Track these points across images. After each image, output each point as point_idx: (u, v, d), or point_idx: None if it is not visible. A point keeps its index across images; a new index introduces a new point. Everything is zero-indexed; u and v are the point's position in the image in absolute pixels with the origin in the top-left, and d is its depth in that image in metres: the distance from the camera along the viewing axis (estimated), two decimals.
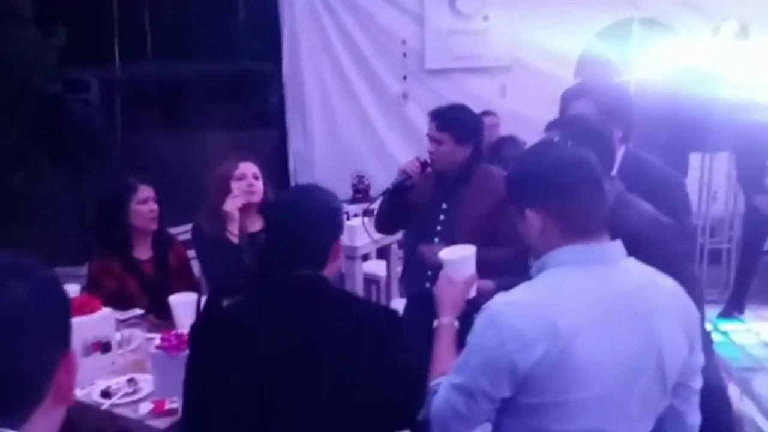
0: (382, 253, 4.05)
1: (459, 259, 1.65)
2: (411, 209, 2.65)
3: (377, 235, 3.11)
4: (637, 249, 1.34)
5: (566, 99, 2.13)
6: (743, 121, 3.79)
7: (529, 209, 1.31)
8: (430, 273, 2.55)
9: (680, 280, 1.36)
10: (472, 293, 1.63)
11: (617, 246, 1.31)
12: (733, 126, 3.92)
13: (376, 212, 2.84)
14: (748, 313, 4.38)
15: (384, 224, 2.85)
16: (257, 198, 2.65)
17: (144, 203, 2.69)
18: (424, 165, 2.61)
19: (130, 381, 1.96)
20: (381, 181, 5.55)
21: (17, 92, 5.25)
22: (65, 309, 0.80)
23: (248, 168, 2.67)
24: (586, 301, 1.24)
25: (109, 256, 2.68)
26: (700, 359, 1.35)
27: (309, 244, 1.48)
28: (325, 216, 1.52)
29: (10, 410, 0.72)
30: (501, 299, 1.27)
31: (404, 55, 5.51)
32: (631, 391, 1.26)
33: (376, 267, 4.04)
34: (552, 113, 5.23)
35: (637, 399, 1.27)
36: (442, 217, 2.58)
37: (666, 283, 1.34)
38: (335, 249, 1.52)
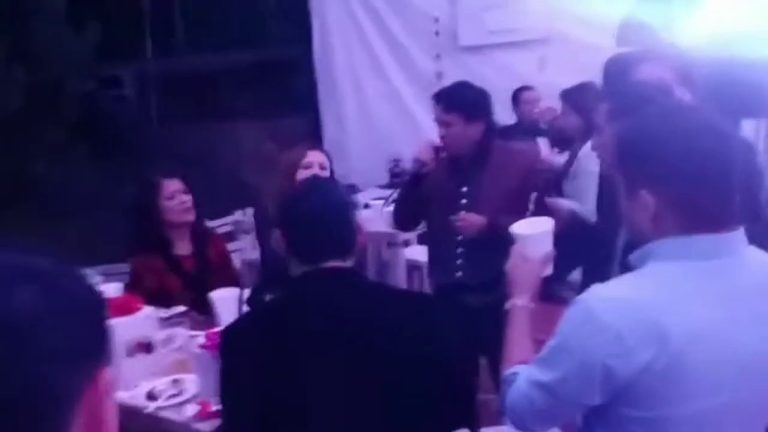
0: (423, 238, 3.97)
1: (536, 234, 1.50)
2: (428, 200, 2.56)
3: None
4: None
5: (622, 65, 1.97)
6: None
7: (645, 191, 1.10)
8: (460, 261, 2.50)
9: None
10: (549, 271, 1.48)
11: (738, 236, 1.12)
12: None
13: (393, 208, 2.77)
14: None
15: (402, 219, 2.78)
16: None
17: (171, 198, 2.65)
18: (437, 150, 2.52)
19: (175, 382, 1.94)
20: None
21: (54, 92, 5.30)
22: (94, 320, 0.65)
23: (316, 157, 2.61)
24: (699, 302, 1.08)
25: (151, 253, 2.65)
26: None
27: (337, 234, 1.47)
28: (346, 205, 1.54)
29: None
30: (598, 292, 1.11)
31: (436, 33, 5.37)
32: (749, 406, 1.12)
33: (417, 253, 3.96)
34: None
35: (755, 414, 1.14)
36: (463, 201, 2.50)
37: None
38: (360, 236, 1.55)
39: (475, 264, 2.48)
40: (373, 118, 5.58)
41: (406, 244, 3.81)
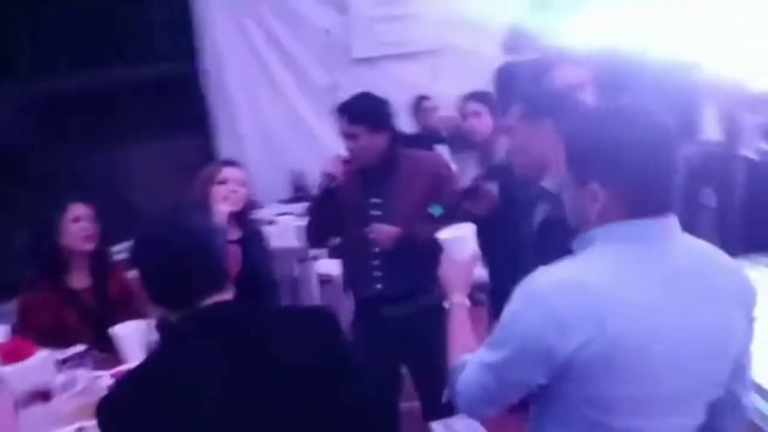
0: (334, 252, 3.93)
1: (459, 237, 1.59)
2: (340, 213, 2.54)
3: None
4: None
5: (531, 71, 2.03)
6: (674, 82, 3.83)
7: (595, 183, 1.16)
8: (378, 273, 2.49)
9: None
10: (477, 271, 1.59)
11: (673, 221, 1.19)
12: (663, 87, 3.97)
13: (306, 224, 2.73)
14: None
15: (316, 235, 2.74)
16: (237, 206, 2.51)
17: (76, 222, 2.47)
18: (345, 163, 2.51)
19: (79, 431, 1.77)
20: (318, 178, 5.43)
21: None
22: None
23: (232, 173, 2.53)
24: (639, 284, 1.13)
25: (41, 288, 2.45)
26: (752, 336, 1.26)
27: (206, 267, 1.31)
28: (209, 233, 1.35)
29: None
30: (543, 275, 1.16)
31: (329, 46, 5.37)
32: (699, 377, 1.17)
33: (329, 266, 3.92)
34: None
35: (703, 386, 1.19)
36: (375, 212, 2.49)
37: (722, 258, 1.24)
38: (230, 263, 1.37)
39: (394, 275, 2.48)
40: (270, 133, 5.49)
41: (316, 258, 3.76)
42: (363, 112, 2.47)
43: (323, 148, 5.41)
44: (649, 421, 1.15)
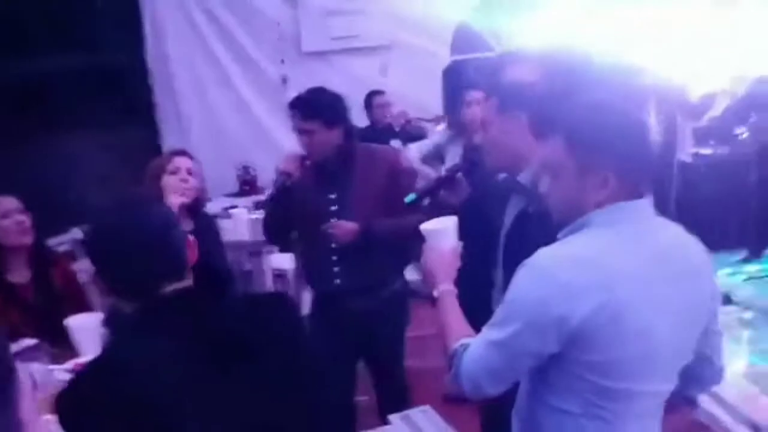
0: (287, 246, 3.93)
1: (443, 228, 1.62)
2: (298, 210, 2.53)
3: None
4: None
5: (492, 67, 2.05)
6: (617, 84, 3.97)
7: (607, 169, 1.24)
8: (337, 269, 2.50)
9: None
10: (458, 261, 1.60)
11: (651, 202, 1.30)
12: (608, 88, 4.11)
13: (262, 221, 2.71)
14: None
15: (274, 232, 2.71)
16: (189, 196, 2.45)
17: (6, 217, 2.39)
18: (302, 159, 2.50)
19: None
20: (268, 171, 5.37)
21: None
22: None
23: (182, 162, 2.46)
24: (639, 257, 1.23)
25: None
26: (719, 302, 1.40)
27: (166, 252, 1.30)
28: (165, 219, 1.35)
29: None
30: (546, 253, 1.23)
31: (279, 38, 5.34)
32: (682, 345, 1.28)
33: (281, 260, 3.91)
34: (433, 91, 5.28)
35: (684, 353, 1.30)
36: (333, 207, 2.49)
37: (689, 236, 1.35)
38: (190, 254, 1.37)
39: (353, 269, 2.48)
40: (217, 125, 5.42)
41: (269, 252, 3.75)
42: (317, 108, 2.45)
43: (272, 142, 5.39)
44: (645, 385, 1.25)
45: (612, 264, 1.21)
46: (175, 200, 2.37)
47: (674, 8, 4.14)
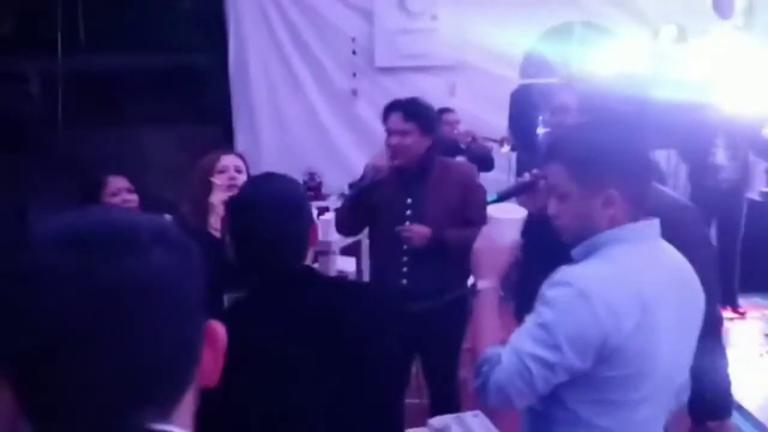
0: (347, 250, 4.08)
1: (507, 219, 1.50)
2: (376, 208, 2.62)
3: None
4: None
5: (526, 93, 2.19)
6: (683, 120, 4.01)
7: (612, 188, 1.30)
8: (405, 269, 2.59)
9: (695, 262, 1.40)
10: (513, 257, 1.51)
11: (656, 223, 1.36)
12: (673, 124, 4.15)
13: (337, 213, 2.80)
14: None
15: (348, 225, 2.81)
16: (236, 192, 2.59)
17: (116, 195, 2.58)
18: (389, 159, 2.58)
19: None
20: (331, 179, 5.58)
21: None
22: (202, 277, 0.66)
23: (231, 161, 2.56)
24: (657, 273, 1.31)
25: None
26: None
27: (291, 238, 1.43)
28: (301, 205, 1.47)
29: (164, 399, 0.62)
30: (583, 272, 1.28)
31: (353, 52, 5.53)
32: (678, 362, 1.35)
33: (345, 263, 4.06)
34: (498, 112, 5.37)
35: (679, 369, 1.36)
36: (408, 212, 2.58)
37: (685, 260, 1.41)
38: (313, 237, 1.48)
39: (420, 272, 2.56)
40: (287, 130, 5.63)
41: (335, 253, 3.90)
42: (418, 112, 2.56)
43: (338, 151, 5.58)
44: (650, 394, 1.31)
45: (640, 280, 1.27)
46: (221, 197, 2.40)
47: (746, 44, 4.15)
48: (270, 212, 1.40)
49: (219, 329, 0.68)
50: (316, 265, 3.84)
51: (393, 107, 2.59)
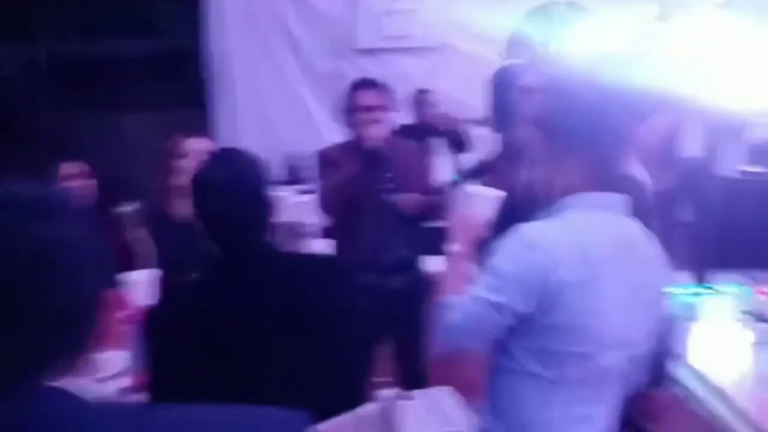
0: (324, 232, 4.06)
1: (481, 196, 1.66)
2: (363, 186, 2.64)
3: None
4: None
5: (509, 76, 2.19)
6: (664, 100, 4.01)
7: (573, 156, 1.38)
8: (403, 240, 2.64)
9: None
10: (484, 232, 1.64)
11: (622, 198, 1.43)
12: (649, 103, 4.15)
13: (326, 193, 2.79)
14: None
15: (335, 204, 2.80)
16: None
17: (67, 180, 2.58)
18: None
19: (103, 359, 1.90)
20: (313, 161, 5.53)
21: None
22: (103, 243, 0.78)
23: (199, 144, 2.58)
24: (607, 239, 1.37)
25: None
26: (668, 299, 1.52)
27: (250, 214, 1.49)
28: (258, 181, 1.52)
29: (55, 358, 0.70)
30: (534, 227, 1.37)
31: (335, 34, 5.50)
32: (625, 329, 1.39)
33: (322, 245, 4.03)
34: (481, 94, 5.38)
35: (627, 338, 1.41)
36: (389, 185, 2.63)
37: (652, 241, 1.47)
38: (273, 213, 1.54)
39: (405, 245, 2.66)
40: (267, 113, 5.60)
41: (311, 236, 3.89)
42: (390, 92, 2.65)
43: (319, 134, 5.54)
44: (589, 350, 1.36)
45: (587, 240, 1.34)
46: (181, 180, 2.40)
47: (721, 27, 4.16)
48: (229, 189, 1.45)
49: (116, 298, 0.78)
50: (291, 247, 3.88)
51: (363, 84, 2.60)
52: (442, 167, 4.64)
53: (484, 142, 4.89)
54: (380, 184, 2.63)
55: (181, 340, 1.40)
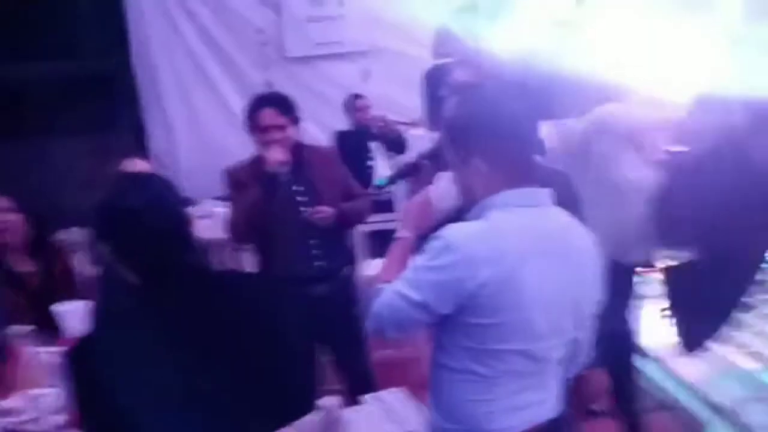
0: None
1: (448, 188, 1.62)
2: (276, 203, 2.57)
3: None
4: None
5: (439, 73, 2.22)
6: (588, 85, 4.09)
7: (478, 158, 1.41)
8: (316, 252, 2.61)
9: None
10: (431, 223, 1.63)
11: (547, 192, 1.46)
12: (578, 91, 4.23)
13: (239, 221, 2.64)
14: None
15: (251, 229, 2.67)
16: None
17: None
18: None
19: (28, 398, 1.82)
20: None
21: None
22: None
23: (139, 166, 2.67)
24: (528, 236, 1.40)
25: None
26: (601, 296, 1.52)
27: (180, 233, 1.46)
28: (177, 202, 1.50)
29: None
30: (455, 229, 1.39)
31: (263, 44, 5.45)
32: (557, 319, 1.42)
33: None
34: (415, 94, 5.41)
35: (560, 327, 1.43)
36: (301, 198, 2.60)
37: (581, 227, 1.50)
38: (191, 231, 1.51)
39: (329, 253, 2.65)
40: (203, 129, 5.52)
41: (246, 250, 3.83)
42: (290, 105, 2.60)
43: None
44: (521, 346, 1.39)
45: (506, 239, 1.37)
46: None
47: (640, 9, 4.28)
48: (144, 213, 1.40)
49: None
50: (229, 264, 3.81)
51: (262, 103, 2.57)
52: (381, 171, 4.65)
53: (422, 143, 4.94)
54: (288, 201, 2.59)
55: (106, 370, 1.35)
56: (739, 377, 2.55)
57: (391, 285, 1.43)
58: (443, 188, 1.61)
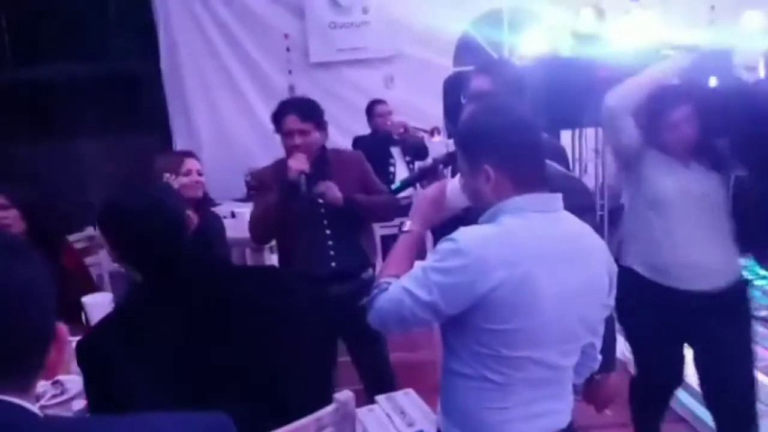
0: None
1: (447, 186, 1.64)
2: (296, 206, 2.62)
3: None
4: None
5: (459, 81, 2.26)
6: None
7: (487, 165, 1.43)
8: (332, 253, 2.65)
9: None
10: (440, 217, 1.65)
11: (558, 197, 1.48)
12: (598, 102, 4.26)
13: (258, 222, 2.71)
14: None
15: (271, 231, 2.77)
16: (199, 193, 2.77)
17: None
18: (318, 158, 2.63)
19: (56, 383, 1.91)
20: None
21: None
22: (53, 288, 0.87)
23: (193, 164, 2.76)
24: (541, 241, 1.40)
25: None
26: (612, 300, 1.54)
27: (167, 233, 1.50)
28: (176, 202, 1.57)
29: (16, 379, 0.80)
30: (467, 232, 1.40)
31: (288, 49, 5.54)
32: (569, 324, 1.43)
33: (273, 260, 4.04)
34: (436, 101, 5.44)
35: (573, 332, 1.45)
36: (321, 200, 2.64)
37: (592, 233, 1.52)
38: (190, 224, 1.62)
39: (345, 254, 2.68)
40: (226, 132, 5.60)
41: (271, 249, 3.90)
42: (312, 110, 2.65)
43: (278, 150, 5.54)
44: (535, 353, 1.40)
45: (519, 243, 1.38)
46: (188, 196, 2.61)
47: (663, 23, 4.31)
48: (146, 213, 1.47)
49: (63, 330, 0.87)
50: (250, 262, 3.89)
51: (286, 109, 2.63)
52: (402, 176, 4.70)
53: (441, 149, 4.99)
54: (307, 203, 2.62)
55: (116, 365, 1.39)
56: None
57: (399, 281, 1.44)
58: (460, 186, 1.60)
